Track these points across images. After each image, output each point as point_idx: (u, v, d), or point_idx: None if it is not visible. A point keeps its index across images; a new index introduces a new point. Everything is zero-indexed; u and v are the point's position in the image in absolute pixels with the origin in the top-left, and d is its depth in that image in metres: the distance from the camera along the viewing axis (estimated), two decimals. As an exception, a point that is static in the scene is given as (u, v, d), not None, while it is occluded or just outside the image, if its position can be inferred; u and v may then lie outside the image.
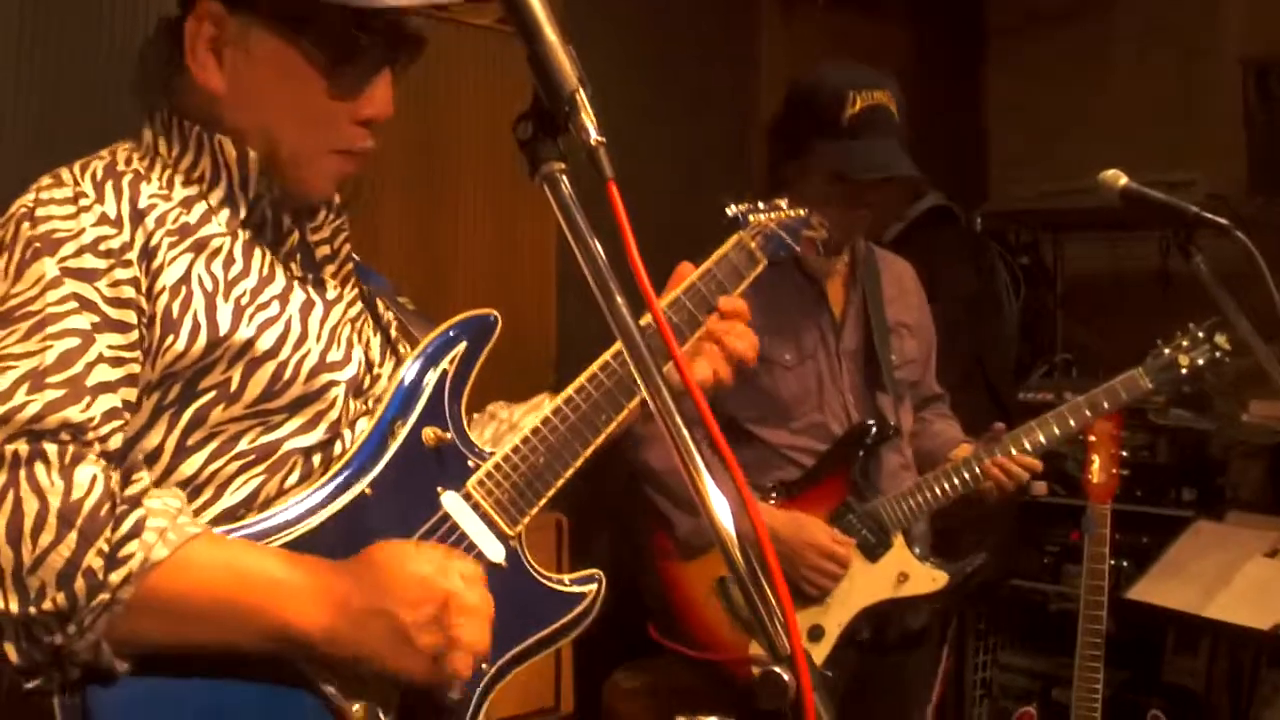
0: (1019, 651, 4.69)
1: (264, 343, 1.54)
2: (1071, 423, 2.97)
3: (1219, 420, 4.29)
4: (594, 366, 1.83)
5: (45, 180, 1.54)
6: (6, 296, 1.44)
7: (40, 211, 1.49)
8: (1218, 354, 2.97)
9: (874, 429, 2.95)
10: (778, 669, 1.07)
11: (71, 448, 1.37)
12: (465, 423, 1.74)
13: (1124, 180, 2.68)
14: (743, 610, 2.78)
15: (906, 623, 3.06)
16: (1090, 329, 5.02)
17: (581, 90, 1.20)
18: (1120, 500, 3.26)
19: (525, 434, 1.74)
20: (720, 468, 1.11)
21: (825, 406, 3.00)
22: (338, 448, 1.62)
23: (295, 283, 1.65)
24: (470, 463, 1.71)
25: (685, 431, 1.12)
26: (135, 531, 1.35)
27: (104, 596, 1.32)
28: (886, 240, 4.45)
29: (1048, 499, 4.23)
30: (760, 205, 2.26)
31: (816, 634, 2.86)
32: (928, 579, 2.93)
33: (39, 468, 1.33)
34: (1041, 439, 2.95)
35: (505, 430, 1.94)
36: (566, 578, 1.76)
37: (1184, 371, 2.96)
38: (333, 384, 1.61)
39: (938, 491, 2.94)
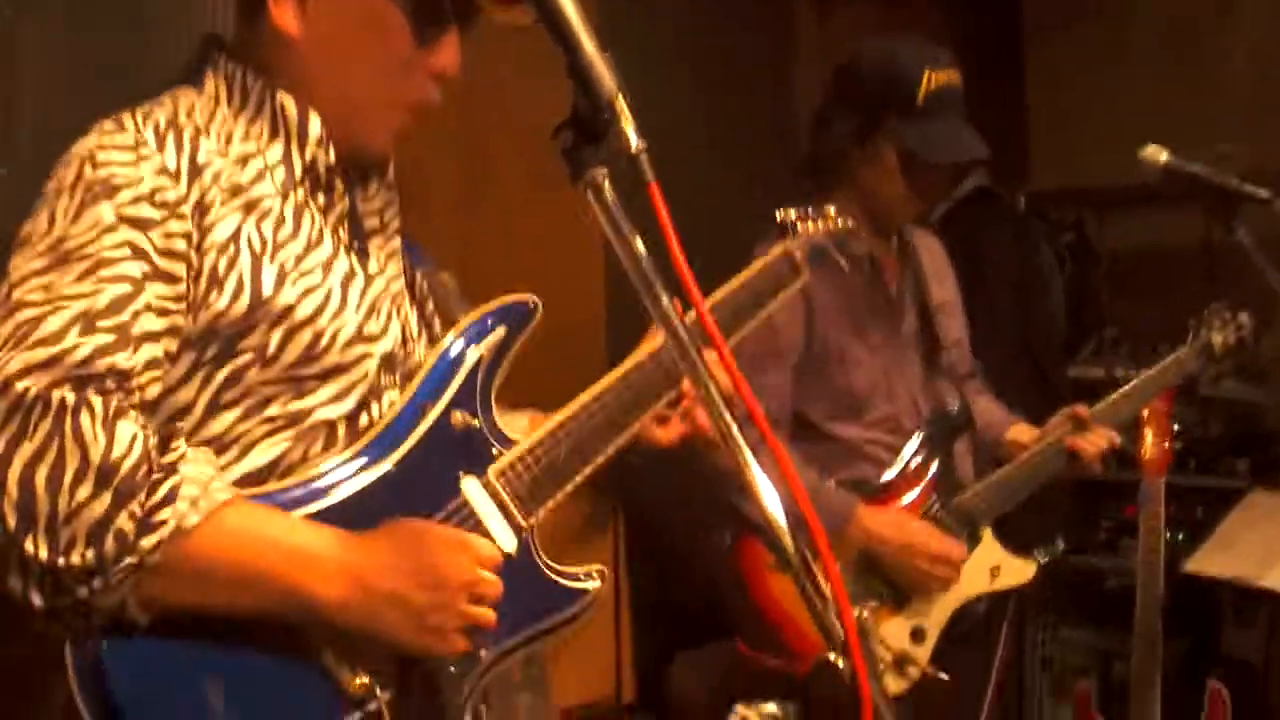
0: (1078, 626, 4.67)
1: (304, 309, 1.56)
2: (1144, 392, 3.02)
3: (1272, 391, 4.27)
4: (626, 365, 1.85)
5: (107, 124, 1.54)
6: (65, 236, 1.45)
7: (101, 155, 1.50)
8: (1243, 331, 3.02)
9: (953, 421, 2.91)
10: (832, 656, 1.10)
11: (115, 399, 1.39)
12: (494, 408, 1.75)
13: (1165, 156, 2.69)
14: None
15: (973, 616, 2.97)
16: (1137, 304, 5.00)
17: (620, 98, 1.23)
18: (1174, 473, 3.25)
19: (551, 427, 1.76)
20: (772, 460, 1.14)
21: (894, 398, 2.91)
22: (364, 419, 1.64)
23: (340, 249, 1.66)
24: (494, 450, 1.72)
25: (735, 425, 1.15)
26: (169, 498, 1.38)
27: (132, 559, 1.35)
28: (932, 221, 4.38)
29: (1102, 476, 4.22)
30: (809, 211, 2.26)
31: (919, 635, 2.79)
32: (1018, 570, 2.92)
33: (84, 417, 1.36)
34: (1120, 413, 2.99)
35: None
36: (574, 570, 1.76)
37: (1229, 340, 3.02)
38: (367, 355, 1.63)
39: (1024, 479, 2.91)
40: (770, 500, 1.13)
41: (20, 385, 1.35)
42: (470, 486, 1.68)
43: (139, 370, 1.43)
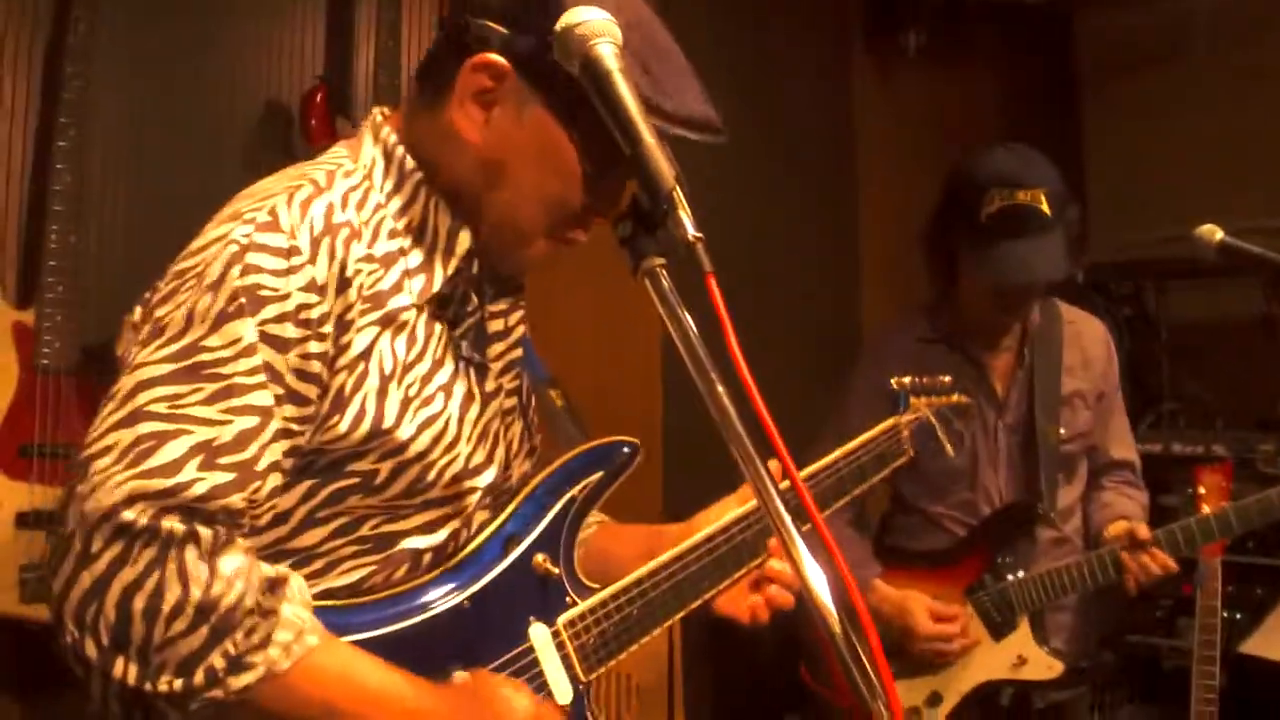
0: (1135, 707, 4.61)
1: (419, 444, 1.55)
2: (1216, 530, 2.87)
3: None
4: (712, 528, 1.83)
5: (263, 215, 1.48)
6: (198, 345, 1.41)
7: (251, 258, 1.44)
8: None
9: (1024, 513, 2.96)
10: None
11: (224, 531, 1.38)
12: (575, 554, 1.75)
13: (1220, 235, 2.67)
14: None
15: (1045, 698, 3.02)
16: (1196, 377, 4.96)
17: (679, 189, 1.25)
18: (1232, 551, 3.21)
19: (626, 584, 1.75)
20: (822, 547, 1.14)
21: (977, 486, 3.01)
22: (451, 547, 1.65)
23: (460, 366, 1.64)
24: (568, 599, 1.71)
25: (787, 515, 1.15)
26: (263, 643, 1.38)
27: (218, 693, 1.35)
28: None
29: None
30: (924, 381, 2.28)
31: (935, 700, 2.89)
32: (1044, 666, 2.92)
33: (189, 552, 1.34)
34: (1183, 545, 2.87)
35: (601, 562, 1.91)
36: None
37: None
38: (472, 490, 1.64)
39: (1069, 581, 2.91)
40: (818, 584, 1.13)
41: (129, 514, 1.32)
42: (538, 633, 1.68)
43: (259, 503, 1.43)
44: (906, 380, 2.27)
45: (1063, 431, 3.02)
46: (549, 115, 1.54)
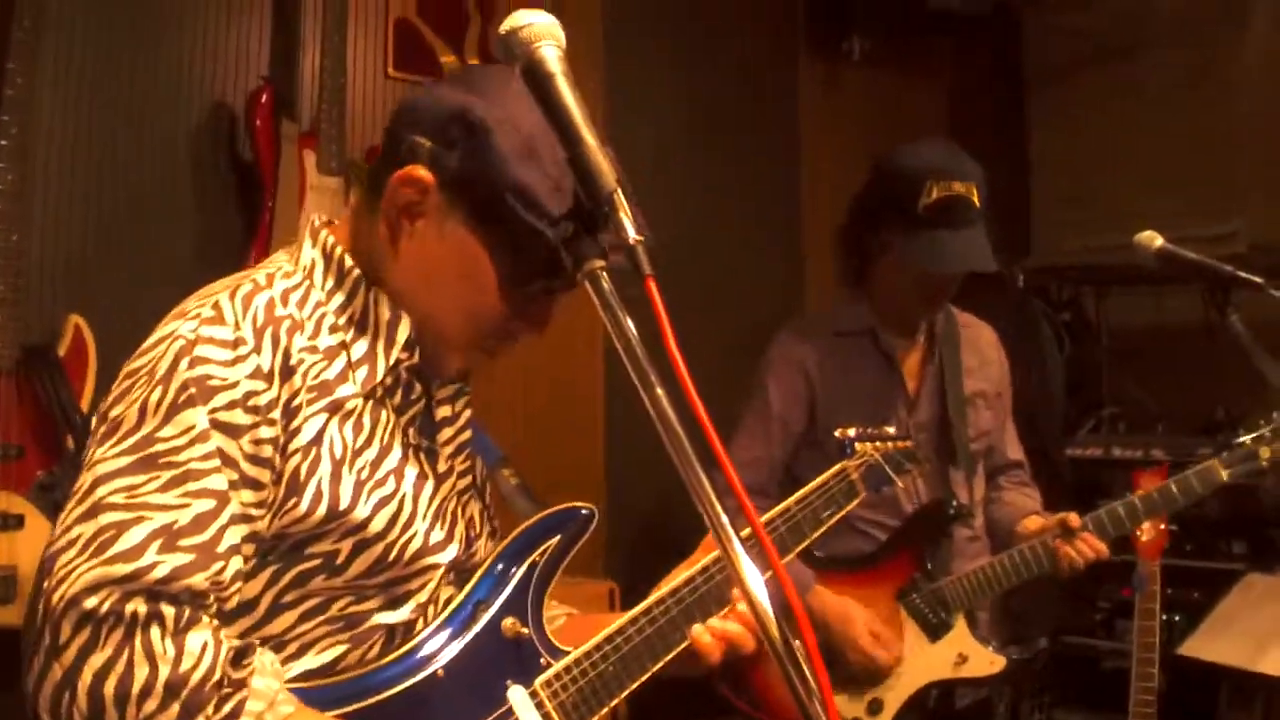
0: (1073, 708, 4.64)
1: (377, 524, 1.57)
2: (1142, 511, 2.92)
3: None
4: (677, 579, 1.84)
5: (207, 310, 1.53)
6: (152, 437, 1.44)
7: (199, 351, 1.49)
8: None
9: (946, 509, 2.97)
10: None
11: (188, 610, 1.40)
12: (545, 617, 1.77)
13: (1159, 241, 2.71)
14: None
15: (974, 694, 3.07)
16: (1136, 382, 5.01)
17: (620, 190, 1.25)
18: (1170, 555, 3.23)
19: (599, 641, 1.76)
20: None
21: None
22: (420, 624, 1.67)
23: (410, 452, 1.67)
24: (542, 660, 1.73)
25: (724, 515, 1.16)
26: (234, 714, 1.39)
27: None
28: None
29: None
30: (868, 430, 2.31)
31: (875, 707, 2.88)
32: (986, 661, 2.94)
33: (154, 631, 1.37)
34: (1110, 529, 2.91)
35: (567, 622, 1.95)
36: None
37: (1264, 464, 2.88)
38: (434, 567, 1.66)
39: (1004, 574, 2.93)
40: (757, 588, 1.14)
41: (91, 602, 1.35)
42: (516, 696, 1.69)
43: (223, 585, 1.44)
44: (851, 431, 2.29)
45: (970, 431, 3.08)
46: (470, 230, 1.60)
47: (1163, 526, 3.16)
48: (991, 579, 2.93)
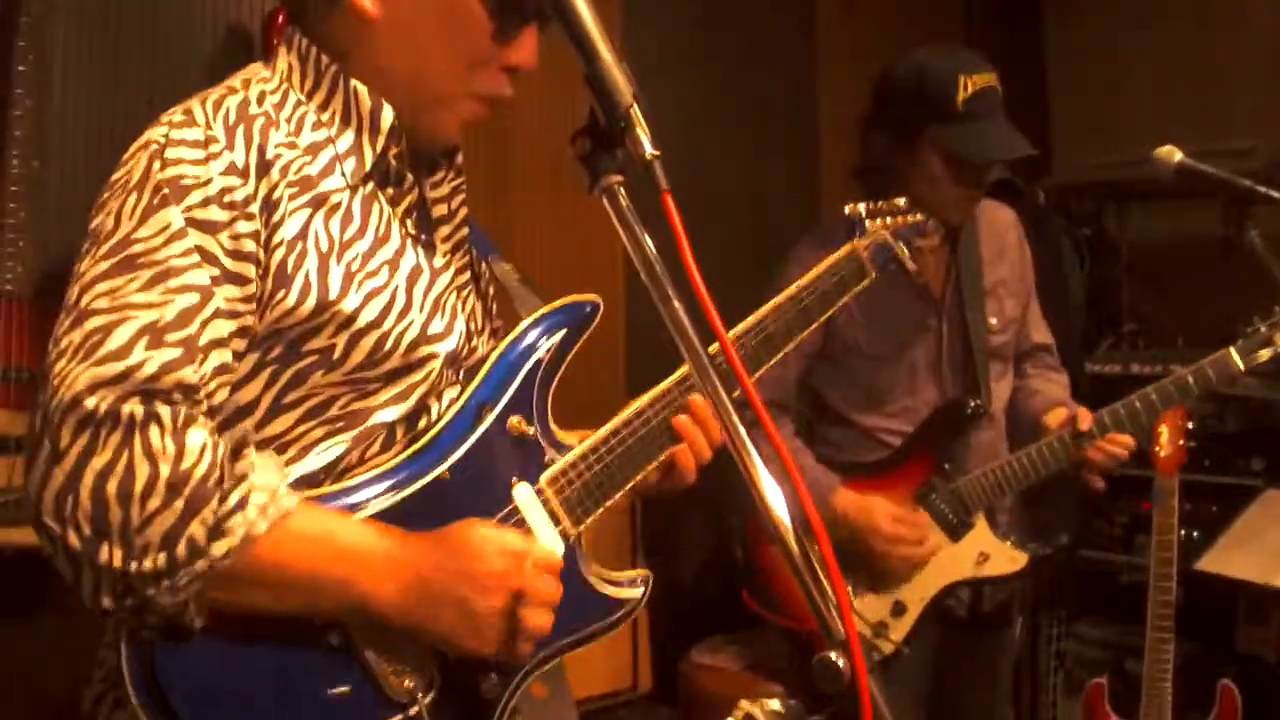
0: (1092, 622, 4.68)
1: (368, 313, 1.56)
2: (1158, 402, 2.91)
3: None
4: (674, 377, 1.85)
5: (177, 115, 1.52)
6: (130, 239, 1.44)
7: (170, 153, 1.48)
8: None
9: (962, 410, 2.97)
10: (833, 655, 1.12)
11: (184, 409, 1.40)
12: (549, 412, 1.76)
13: (1179, 156, 2.69)
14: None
15: (993, 599, 3.08)
16: (1156, 298, 5.00)
17: (636, 105, 1.26)
18: (1189, 470, 3.25)
19: (603, 435, 1.77)
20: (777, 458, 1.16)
21: (917, 392, 3.03)
22: (423, 421, 1.66)
23: (407, 243, 1.66)
24: (547, 456, 1.73)
25: (740, 426, 1.17)
26: (239, 506, 1.40)
27: (203, 564, 1.38)
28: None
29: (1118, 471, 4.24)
30: (880, 204, 2.27)
31: (899, 610, 2.92)
32: (1007, 559, 2.97)
33: (153, 430, 1.37)
34: (1128, 423, 2.90)
35: None
36: (618, 577, 1.78)
37: (1277, 351, 2.86)
38: (432, 356, 1.63)
39: (1021, 472, 2.94)
40: (775, 501, 1.16)
41: (89, 402, 1.36)
42: (522, 493, 1.69)
43: (208, 378, 1.45)
44: (861, 207, 2.26)
45: (993, 321, 3.06)
46: None
47: (1181, 442, 3.18)
48: (1010, 476, 2.94)
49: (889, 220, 2.26)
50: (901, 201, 2.31)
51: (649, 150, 1.24)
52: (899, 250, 2.24)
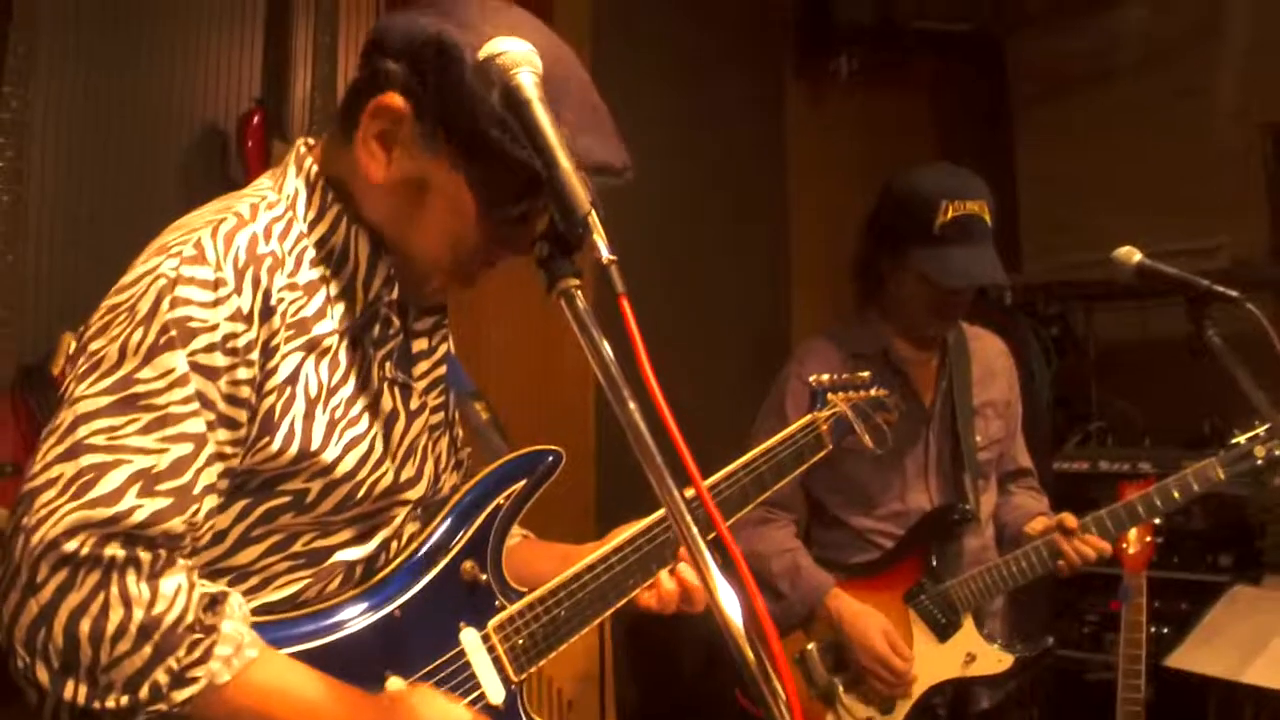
0: (1061, 720, 4.65)
1: (346, 465, 1.59)
2: (1142, 512, 2.95)
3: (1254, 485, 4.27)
4: (634, 529, 1.88)
5: (188, 249, 1.51)
6: (132, 378, 1.45)
7: (180, 291, 1.47)
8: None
9: (951, 515, 3.03)
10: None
11: (164, 554, 1.43)
12: (503, 560, 1.79)
13: (1138, 256, 2.74)
14: (820, 681, 2.85)
15: (984, 700, 3.11)
16: (1124, 396, 5.03)
17: (594, 212, 1.29)
18: (1157, 566, 3.25)
19: (553, 586, 1.80)
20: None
21: (907, 496, 3.09)
22: (382, 559, 1.69)
23: (385, 387, 1.68)
24: (497, 603, 1.76)
25: (696, 532, 1.19)
26: (204, 658, 1.43)
27: (162, 707, 1.40)
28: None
29: (1085, 569, 4.23)
30: (844, 378, 2.34)
31: (887, 708, 2.95)
32: (994, 660, 3.00)
33: (130, 574, 1.40)
34: (1111, 529, 2.95)
35: (522, 573, 1.93)
36: None
37: (1260, 462, 2.89)
38: (402, 503, 1.68)
39: (1008, 576, 2.98)
40: (729, 605, 1.17)
41: (70, 546, 1.37)
42: (469, 638, 1.72)
43: (199, 525, 1.47)
44: (825, 378, 2.33)
45: (979, 439, 3.13)
46: (446, 157, 1.57)
47: (1149, 539, 3.19)
48: (998, 579, 2.98)
49: (851, 393, 2.34)
50: (865, 375, 2.42)
51: (606, 255, 1.27)
52: (857, 428, 2.31)
